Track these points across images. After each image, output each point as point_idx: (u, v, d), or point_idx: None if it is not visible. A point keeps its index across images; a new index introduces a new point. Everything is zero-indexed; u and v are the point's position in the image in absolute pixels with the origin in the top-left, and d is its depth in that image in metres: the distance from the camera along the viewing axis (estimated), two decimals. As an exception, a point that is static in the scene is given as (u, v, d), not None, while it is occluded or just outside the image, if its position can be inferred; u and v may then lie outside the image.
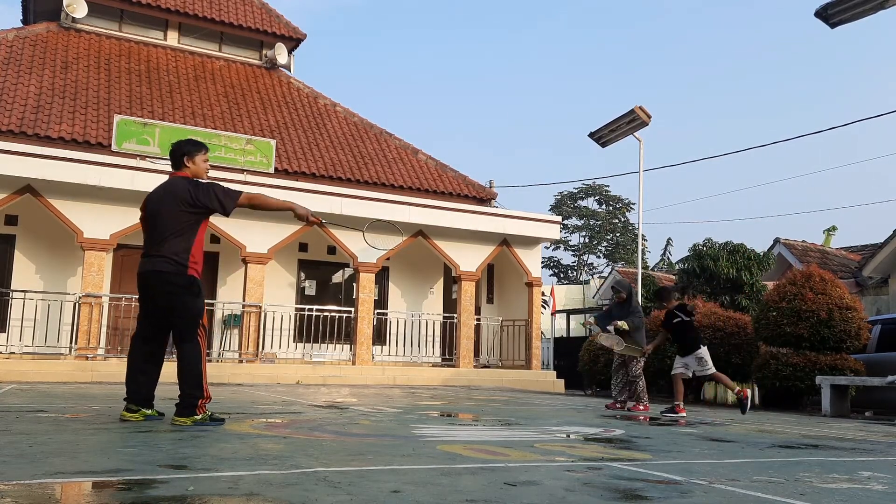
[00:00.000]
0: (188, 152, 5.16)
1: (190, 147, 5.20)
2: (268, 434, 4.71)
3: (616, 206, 51.34)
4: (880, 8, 12.20)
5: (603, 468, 3.64)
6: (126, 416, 5.03)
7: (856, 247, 22.08)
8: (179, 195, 4.94)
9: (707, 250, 17.83)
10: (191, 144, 5.23)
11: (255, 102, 18.71)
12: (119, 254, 14.55)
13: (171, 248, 4.89)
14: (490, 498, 2.69)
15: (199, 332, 4.98)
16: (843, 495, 3.11)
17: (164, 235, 4.91)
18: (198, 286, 5.01)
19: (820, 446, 5.33)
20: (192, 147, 5.21)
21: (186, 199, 4.93)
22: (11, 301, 13.28)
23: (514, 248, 17.14)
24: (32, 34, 17.58)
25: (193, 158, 5.17)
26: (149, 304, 5.05)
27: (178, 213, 4.92)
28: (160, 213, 4.96)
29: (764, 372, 11.85)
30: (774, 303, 12.06)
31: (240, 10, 20.01)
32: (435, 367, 16.21)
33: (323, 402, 8.39)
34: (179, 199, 4.93)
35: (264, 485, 2.80)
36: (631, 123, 17.27)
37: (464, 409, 8.20)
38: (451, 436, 5.07)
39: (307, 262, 16.70)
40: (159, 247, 4.92)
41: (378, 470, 3.29)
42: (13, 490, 2.56)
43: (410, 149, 19.63)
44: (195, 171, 5.18)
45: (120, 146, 14.67)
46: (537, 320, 17.16)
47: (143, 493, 2.60)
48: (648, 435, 5.70)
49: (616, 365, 9.44)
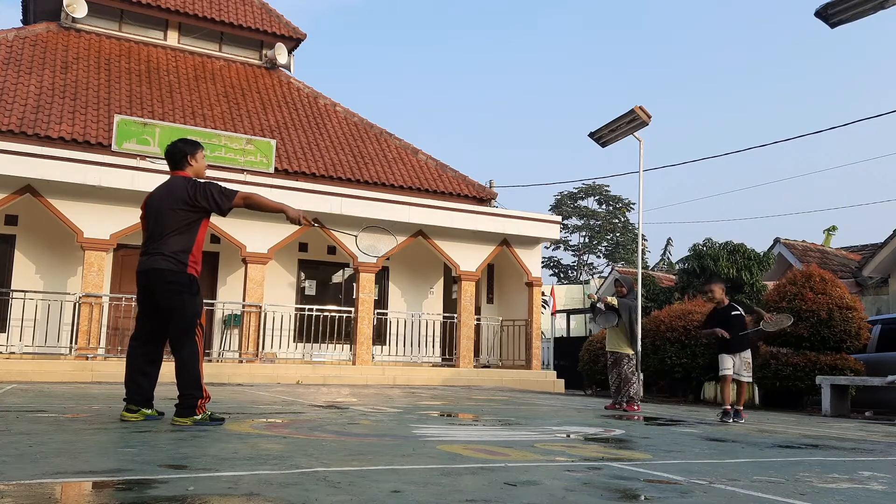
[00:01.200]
0: (190, 152, 5.22)
1: (190, 146, 5.26)
2: (268, 434, 4.71)
3: (616, 206, 51.34)
4: (880, 8, 12.18)
5: (603, 468, 3.64)
6: (126, 417, 5.03)
7: (856, 247, 22.06)
8: (179, 195, 4.98)
9: (707, 250, 17.83)
10: (190, 144, 5.29)
11: (255, 102, 18.71)
12: (119, 254, 14.55)
13: (171, 247, 4.92)
14: (490, 498, 2.69)
15: (197, 332, 4.98)
16: (843, 495, 3.11)
17: (164, 234, 4.93)
18: (196, 285, 5.02)
19: (820, 446, 5.33)
20: (191, 146, 5.27)
21: (185, 198, 4.96)
22: (11, 301, 13.28)
23: (514, 248, 17.14)
24: (32, 34, 17.58)
25: (195, 156, 5.24)
26: (148, 302, 5.06)
27: (178, 212, 4.95)
28: (161, 212, 4.99)
29: (764, 372, 11.85)
30: (774, 303, 12.06)
31: (240, 10, 20.01)
32: (435, 367, 16.20)
33: (323, 402, 8.39)
34: (179, 198, 4.97)
35: (264, 485, 2.80)
36: (631, 123, 17.25)
37: (464, 409, 8.20)
38: (452, 436, 5.07)
39: (307, 262, 16.70)
40: (159, 245, 4.94)
41: (378, 470, 3.29)
42: (13, 490, 2.56)
43: (410, 149, 19.63)
44: (197, 170, 5.25)
45: (120, 146, 14.67)
46: (537, 320, 17.16)
47: (143, 493, 2.60)
48: (648, 435, 5.70)
49: (609, 364, 9.45)
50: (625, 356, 9.27)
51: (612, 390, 9.51)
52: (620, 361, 9.26)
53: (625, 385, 9.22)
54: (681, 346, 13.07)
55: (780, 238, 20.49)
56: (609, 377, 9.53)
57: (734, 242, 17.79)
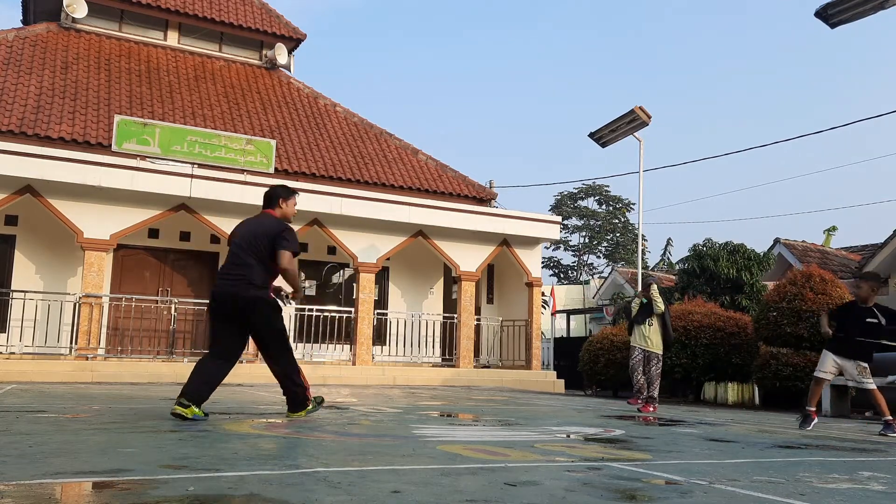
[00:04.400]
0: (284, 195, 5.79)
1: (286, 192, 5.82)
2: (268, 434, 4.71)
3: (616, 206, 51.34)
4: (880, 8, 12.21)
5: (603, 468, 3.64)
6: (177, 410, 5.24)
7: (856, 247, 22.07)
8: (270, 231, 5.48)
9: (707, 250, 17.83)
10: (287, 190, 5.85)
11: (255, 102, 18.71)
12: (119, 254, 14.56)
13: (258, 276, 5.43)
14: (490, 498, 2.69)
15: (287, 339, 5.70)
16: (843, 495, 3.11)
17: (251, 263, 5.44)
18: (278, 306, 5.66)
19: (820, 446, 5.33)
20: (287, 192, 5.84)
21: (274, 235, 5.45)
22: (11, 301, 13.28)
23: (514, 248, 17.14)
24: (32, 34, 17.58)
25: (288, 201, 5.80)
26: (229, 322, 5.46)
27: (265, 245, 5.45)
28: (252, 243, 5.47)
29: (764, 372, 11.86)
30: (774, 303, 12.07)
31: (240, 11, 20.01)
32: (435, 368, 16.20)
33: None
34: (268, 234, 5.47)
35: (264, 485, 2.80)
36: (631, 123, 17.29)
37: (464, 409, 8.20)
38: (451, 436, 5.07)
39: (307, 262, 16.70)
40: (246, 272, 5.42)
41: (378, 470, 3.29)
42: (13, 490, 2.56)
43: (410, 149, 19.63)
44: (284, 213, 5.78)
45: (120, 146, 14.67)
46: (537, 320, 17.15)
47: (143, 493, 2.60)
48: (648, 435, 5.70)
49: (636, 361, 9.34)
50: (656, 355, 9.25)
51: (636, 387, 9.37)
52: (651, 360, 9.22)
53: (653, 383, 9.18)
54: (681, 346, 13.07)
55: (780, 238, 20.51)
56: (633, 375, 9.39)
57: (734, 242, 17.81)
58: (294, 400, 5.71)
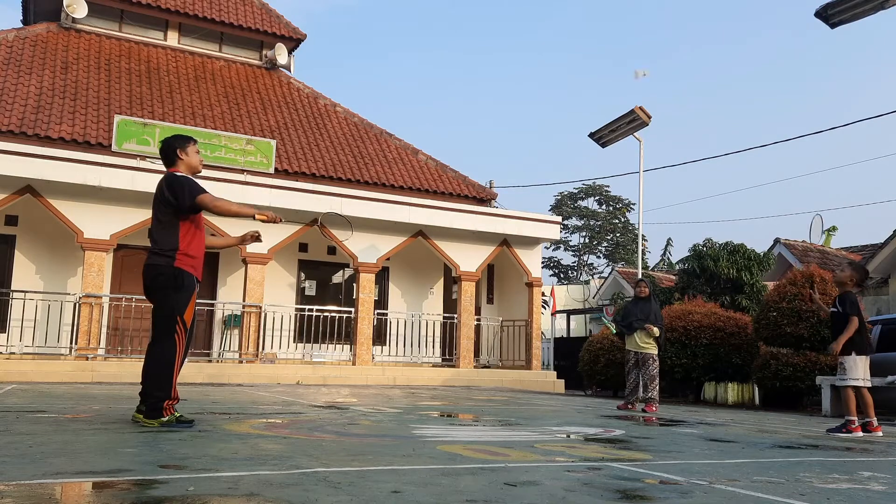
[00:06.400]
0: (180, 146, 5.10)
1: (180, 141, 5.14)
2: (268, 434, 4.71)
3: (616, 206, 51.33)
4: (880, 8, 12.21)
5: (603, 468, 3.64)
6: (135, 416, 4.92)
7: (856, 247, 22.07)
8: (158, 191, 4.99)
9: (707, 250, 17.83)
10: (179, 139, 5.18)
11: (255, 103, 18.71)
12: (119, 254, 14.55)
13: (159, 242, 4.92)
14: (490, 498, 2.69)
15: (177, 330, 4.87)
16: (843, 495, 3.11)
17: (154, 229, 5.02)
18: (182, 279, 4.86)
19: (820, 446, 5.33)
20: (181, 140, 5.15)
21: (163, 193, 4.93)
22: (11, 301, 13.28)
23: (514, 248, 17.14)
24: (32, 34, 17.58)
25: (185, 150, 5.10)
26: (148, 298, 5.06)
27: (161, 206, 4.95)
28: (153, 208, 5.05)
29: (764, 372, 11.85)
30: (775, 303, 12.06)
31: (240, 11, 20.01)
32: (435, 368, 16.20)
33: (323, 402, 8.39)
34: (158, 194, 4.98)
35: (264, 485, 2.80)
36: (631, 124, 17.29)
37: (464, 409, 8.21)
38: (452, 436, 5.07)
39: (307, 262, 16.70)
40: (153, 241, 5.01)
41: (378, 470, 3.29)
42: (13, 490, 2.56)
43: (410, 149, 19.63)
44: (189, 164, 5.12)
45: (120, 146, 14.67)
46: (537, 320, 17.16)
47: (143, 493, 2.60)
48: (648, 435, 5.70)
49: (631, 364, 9.41)
50: (651, 356, 9.27)
51: (627, 391, 9.49)
52: (647, 361, 9.25)
53: (651, 384, 9.21)
54: (681, 346, 13.07)
55: (780, 238, 20.50)
56: (627, 377, 9.48)
57: (734, 242, 17.80)
58: (150, 405, 4.77)
